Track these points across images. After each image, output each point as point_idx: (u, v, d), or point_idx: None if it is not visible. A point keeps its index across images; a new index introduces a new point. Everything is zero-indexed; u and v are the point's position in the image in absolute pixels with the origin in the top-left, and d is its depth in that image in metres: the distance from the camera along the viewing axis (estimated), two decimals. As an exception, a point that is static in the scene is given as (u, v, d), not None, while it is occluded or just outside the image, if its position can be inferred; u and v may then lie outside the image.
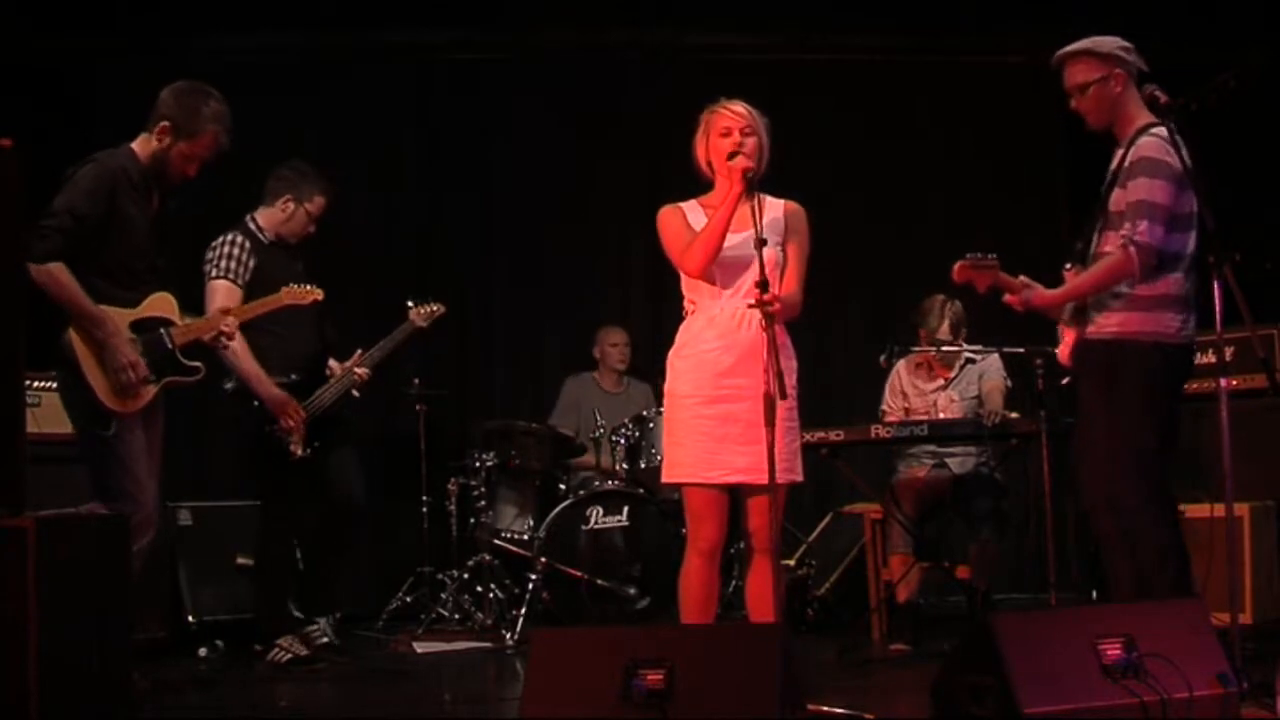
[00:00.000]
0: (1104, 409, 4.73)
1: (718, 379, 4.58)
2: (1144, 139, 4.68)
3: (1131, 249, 4.63)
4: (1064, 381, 5.06)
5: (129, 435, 5.02)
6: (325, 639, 6.23)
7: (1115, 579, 4.82)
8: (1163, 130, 4.61)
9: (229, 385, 6.10)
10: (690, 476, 4.62)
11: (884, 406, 6.92)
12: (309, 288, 5.85)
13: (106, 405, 4.98)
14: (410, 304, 6.66)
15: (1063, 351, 4.99)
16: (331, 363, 6.39)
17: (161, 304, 5.25)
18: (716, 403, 4.57)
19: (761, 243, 4.43)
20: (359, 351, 6.41)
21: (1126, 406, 4.69)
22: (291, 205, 6.28)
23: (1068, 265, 4.92)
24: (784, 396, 4.31)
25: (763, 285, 4.39)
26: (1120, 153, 4.79)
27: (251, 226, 6.26)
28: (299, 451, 6.09)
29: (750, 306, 4.50)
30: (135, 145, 5.17)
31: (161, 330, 5.17)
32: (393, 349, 6.54)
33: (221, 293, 5.99)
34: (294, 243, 6.33)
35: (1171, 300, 4.69)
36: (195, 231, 6.33)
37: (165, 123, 5.13)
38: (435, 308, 6.67)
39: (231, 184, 6.58)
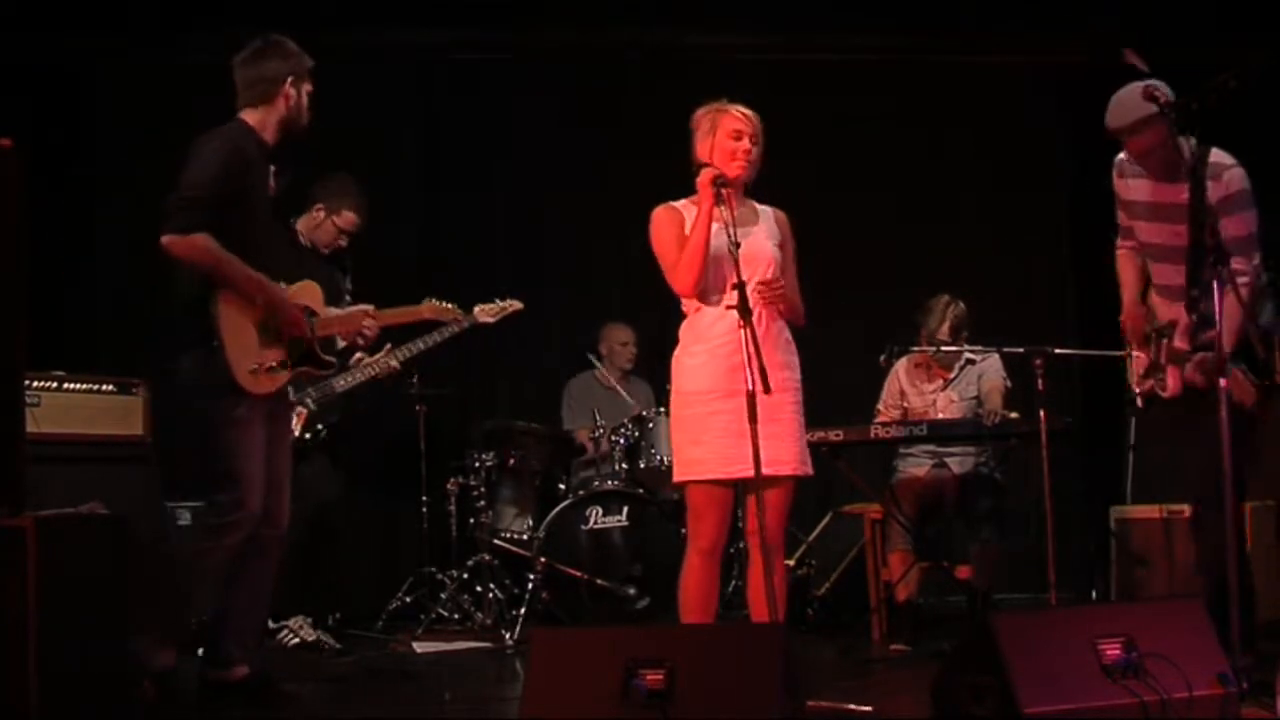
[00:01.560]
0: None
1: (731, 375, 4.57)
2: (1230, 172, 4.74)
3: (1256, 285, 4.71)
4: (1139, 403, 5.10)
5: (252, 425, 4.93)
6: (297, 640, 6.24)
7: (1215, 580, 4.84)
8: (1229, 158, 4.71)
9: None
10: (713, 472, 4.61)
11: (879, 406, 6.93)
12: (450, 306, 6.12)
13: (241, 384, 4.87)
14: (479, 306, 6.71)
15: (1173, 384, 4.97)
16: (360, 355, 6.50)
17: (308, 292, 5.22)
18: (732, 397, 4.54)
19: (735, 245, 4.47)
20: (388, 346, 6.49)
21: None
22: (321, 214, 6.39)
23: (1191, 315, 4.87)
24: (767, 391, 4.32)
25: (739, 287, 4.41)
26: (1187, 185, 4.80)
27: (294, 229, 6.40)
28: (293, 434, 6.15)
29: (757, 290, 4.54)
30: (247, 118, 5.03)
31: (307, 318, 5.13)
32: (441, 342, 6.58)
33: None
34: (325, 252, 6.38)
35: None
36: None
37: (289, 77, 5.03)
38: (509, 304, 6.68)
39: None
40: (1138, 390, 5.20)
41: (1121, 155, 5.07)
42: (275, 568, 5.21)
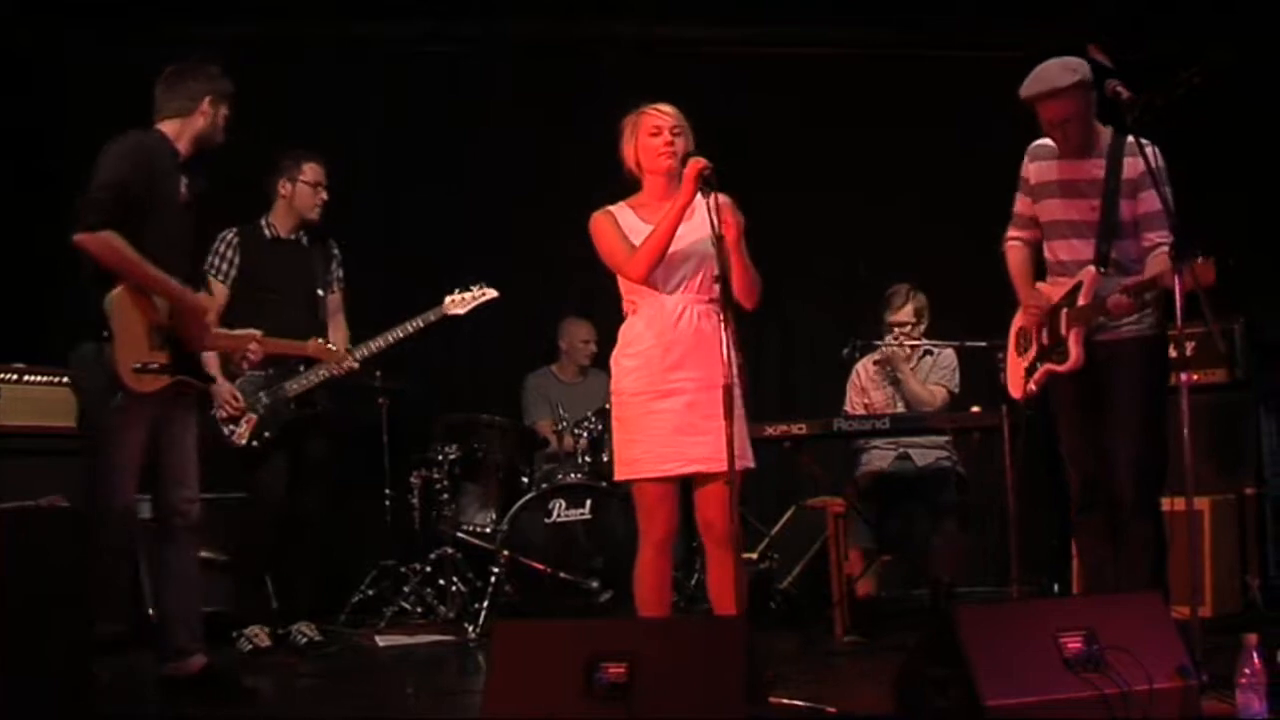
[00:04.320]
0: (1143, 404, 4.94)
1: (666, 374, 4.62)
2: (1150, 148, 4.76)
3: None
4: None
5: (128, 422, 4.94)
6: (305, 639, 6.24)
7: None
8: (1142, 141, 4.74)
9: None
10: (649, 471, 4.64)
11: (846, 406, 6.96)
12: (332, 347, 6.27)
13: (122, 378, 4.89)
14: (452, 293, 6.63)
15: (1075, 353, 4.99)
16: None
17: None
18: (668, 396, 4.61)
19: (719, 239, 4.45)
20: (350, 349, 6.47)
21: (1162, 400, 4.95)
22: (289, 186, 6.47)
23: (1101, 269, 4.96)
24: (743, 385, 4.39)
25: (721, 279, 4.41)
26: (1102, 162, 4.92)
27: (262, 224, 6.46)
28: (242, 441, 6.13)
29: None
30: (164, 128, 5.11)
31: None
32: (413, 333, 6.51)
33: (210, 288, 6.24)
34: (315, 218, 6.47)
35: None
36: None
37: (208, 96, 5.13)
38: (478, 292, 6.62)
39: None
40: (1028, 390, 5.24)
41: (1036, 142, 5.15)
42: (195, 555, 5.28)
